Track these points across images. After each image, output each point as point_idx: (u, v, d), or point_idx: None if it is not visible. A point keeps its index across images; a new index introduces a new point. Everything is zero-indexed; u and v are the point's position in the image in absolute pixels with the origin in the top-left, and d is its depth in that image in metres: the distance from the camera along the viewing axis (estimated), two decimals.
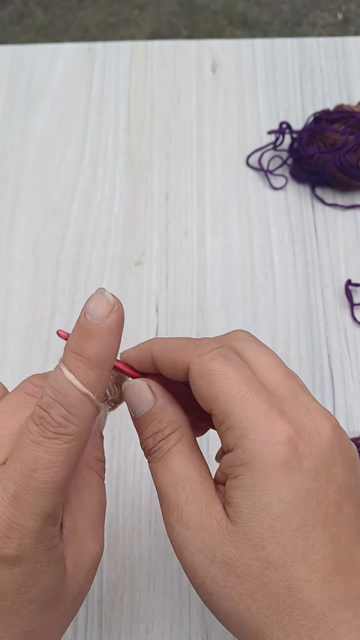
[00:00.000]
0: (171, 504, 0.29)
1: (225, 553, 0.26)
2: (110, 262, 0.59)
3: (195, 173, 0.64)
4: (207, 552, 0.27)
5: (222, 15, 1.62)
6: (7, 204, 0.63)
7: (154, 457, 0.30)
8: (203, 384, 0.28)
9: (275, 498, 0.26)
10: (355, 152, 0.59)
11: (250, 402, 0.27)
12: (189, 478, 0.28)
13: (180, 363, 0.30)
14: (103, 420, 0.32)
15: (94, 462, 0.31)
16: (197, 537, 0.27)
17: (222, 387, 0.28)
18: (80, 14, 1.64)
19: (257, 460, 0.26)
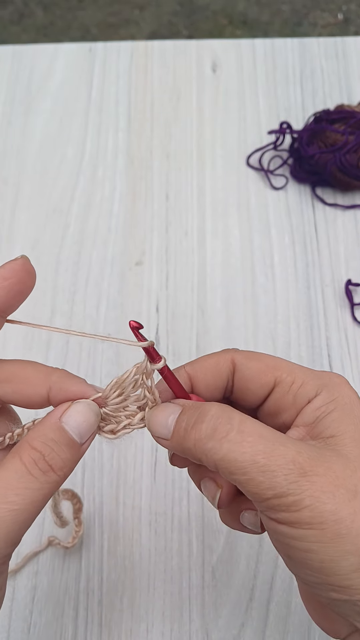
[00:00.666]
0: (284, 464, 0.26)
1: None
2: (110, 262, 0.59)
3: (196, 173, 0.64)
4: (348, 484, 0.26)
5: (222, 15, 1.62)
6: (7, 204, 0.63)
7: (220, 436, 0.27)
8: (256, 362, 0.31)
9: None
10: (355, 152, 0.59)
11: (300, 366, 0.31)
12: (280, 435, 0.27)
13: (223, 361, 0.31)
14: (76, 419, 0.28)
15: (25, 446, 0.27)
16: (330, 477, 0.26)
17: (274, 358, 0.32)
18: (80, 13, 1.64)
19: (342, 394, 0.30)
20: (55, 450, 0.27)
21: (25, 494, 0.26)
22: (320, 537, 0.25)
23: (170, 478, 0.50)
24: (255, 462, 0.25)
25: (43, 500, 0.27)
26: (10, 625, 0.45)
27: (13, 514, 0.25)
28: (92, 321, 0.56)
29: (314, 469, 0.26)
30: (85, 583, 0.46)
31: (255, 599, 0.45)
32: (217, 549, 0.47)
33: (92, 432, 0.29)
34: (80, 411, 0.28)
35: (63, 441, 0.27)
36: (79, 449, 0.28)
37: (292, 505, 0.25)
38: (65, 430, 0.28)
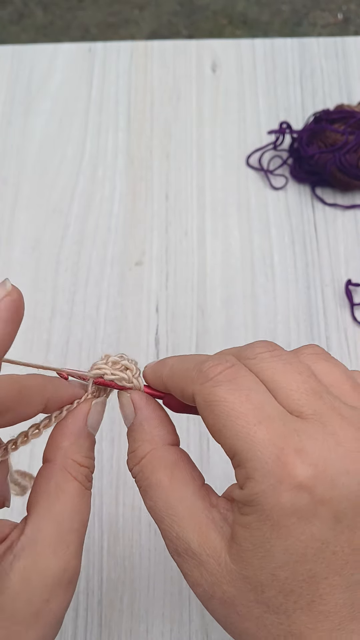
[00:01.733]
0: (165, 536, 0.27)
1: (224, 592, 0.25)
2: (110, 262, 0.59)
3: (195, 173, 0.64)
4: (205, 587, 0.25)
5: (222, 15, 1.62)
6: (7, 204, 0.63)
7: (137, 483, 0.28)
8: (207, 416, 0.25)
9: (280, 548, 0.23)
10: (355, 152, 0.59)
11: (258, 438, 0.23)
12: (175, 514, 0.26)
13: (187, 392, 0.27)
14: (96, 419, 0.29)
15: (74, 465, 0.27)
16: (194, 573, 0.26)
17: (226, 420, 0.24)
18: (80, 13, 1.64)
19: (263, 506, 0.23)
20: (92, 458, 0.28)
21: (88, 509, 0.27)
22: None
23: None
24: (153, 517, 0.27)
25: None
26: None
27: (85, 527, 0.27)
28: (92, 321, 0.56)
29: (185, 558, 0.26)
30: (85, 583, 0.46)
31: None
32: None
33: None
34: (99, 411, 0.29)
35: (93, 446, 0.28)
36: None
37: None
38: (92, 435, 0.28)
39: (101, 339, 0.56)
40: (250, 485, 0.23)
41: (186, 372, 0.27)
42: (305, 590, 0.23)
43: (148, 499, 0.27)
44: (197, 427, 0.51)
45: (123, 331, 0.56)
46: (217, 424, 0.24)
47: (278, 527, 0.23)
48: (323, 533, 0.23)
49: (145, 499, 0.27)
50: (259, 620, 0.24)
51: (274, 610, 0.24)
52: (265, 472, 0.23)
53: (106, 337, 0.56)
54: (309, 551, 0.23)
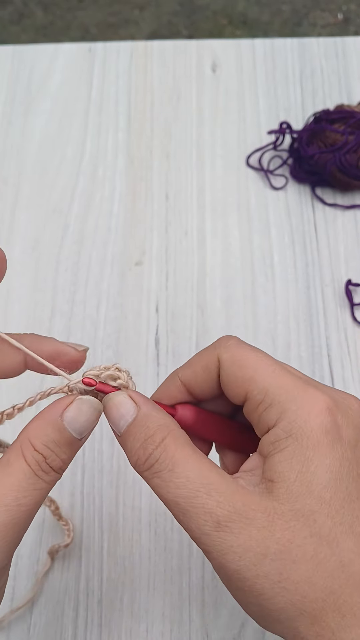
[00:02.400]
0: (200, 514, 0.26)
1: (279, 540, 0.25)
2: (110, 262, 0.59)
3: (195, 173, 0.64)
4: (257, 547, 0.25)
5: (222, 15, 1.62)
6: (7, 204, 0.63)
7: (155, 468, 0.27)
8: (236, 370, 0.29)
9: (323, 466, 0.26)
10: (355, 152, 0.59)
11: (286, 377, 0.28)
12: (210, 482, 0.26)
13: (212, 362, 0.30)
14: (76, 417, 0.28)
15: (28, 446, 0.27)
16: (243, 536, 0.25)
17: (257, 368, 0.29)
18: (80, 14, 1.64)
19: (302, 429, 0.26)
20: (56, 453, 0.27)
21: (33, 495, 0.26)
22: (228, 586, 0.27)
23: None
24: (176, 504, 0.27)
25: (45, 496, 0.27)
26: (10, 625, 0.45)
27: (25, 514, 0.26)
28: (92, 321, 0.56)
29: (229, 525, 0.25)
30: (85, 583, 0.46)
31: None
32: None
33: (92, 428, 0.29)
34: (83, 410, 0.28)
35: (64, 442, 0.27)
36: (78, 444, 0.28)
37: (206, 552, 0.26)
38: (66, 430, 0.27)
39: (101, 339, 0.56)
40: (287, 415, 0.27)
41: (204, 353, 0.31)
42: (347, 510, 0.26)
43: (176, 477, 0.27)
44: None
45: (123, 331, 0.56)
46: (247, 373, 0.29)
47: (318, 447, 0.26)
48: (348, 454, 0.27)
49: (171, 479, 0.27)
50: (314, 559, 0.25)
51: (326, 540, 0.25)
52: (299, 401, 0.27)
53: (106, 337, 0.56)
54: (343, 469, 0.26)
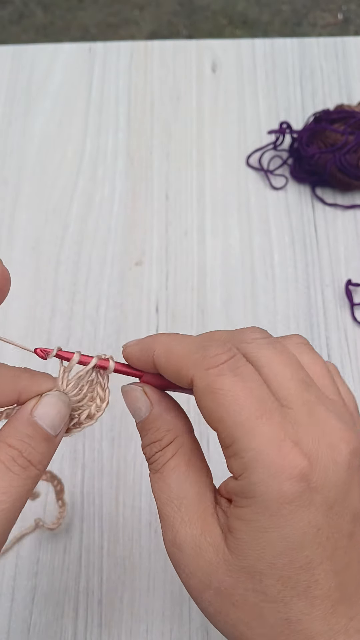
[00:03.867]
0: (166, 523, 0.27)
1: (221, 581, 0.25)
2: (110, 262, 0.59)
3: (195, 173, 0.64)
4: (201, 577, 0.26)
5: (222, 15, 1.62)
6: (7, 204, 0.63)
7: (152, 467, 0.29)
8: (208, 403, 0.26)
9: (278, 536, 0.24)
10: (355, 152, 0.59)
11: (261, 429, 0.24)
12: (185, 497, 0.27)
13: (185, 374, 0.27)
14: (46, 411, 0.28)
15: (1, 445, 0.27)
16: (192, 561, 0.26)
17: (230, 410, 0.25)
18: (80, 13, 1.64)
19: (263, 496, 0.24)
20: (32, 446, 0.27)
21: (10, 491, 0.26)
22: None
23: None
24: (157, 504, 0.28)
25: (26, 495, 0.27)
26: (10, 625, 0.45)
27: (3, 513, 0.26)
28: (92, 321, 0.56)
29: (183, 546, 0.27)
30: (85, 583, 0.46)
31: None
32: None
33: (65, 423, 0.29)
34: (51, 404, 0.28)
35: (38, 436, 0.28)
36: (53, 440, 0.28)
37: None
38: (38, 424, 0.28)
39: (101, 338, 0.56)
40: (250, 474, 0.24)
41: (186, 355, 0.27)
42: (302, 576, 0.24)
43: (162, 481, 0.28)
44: (196, 426, 0.51)
45: (123, 331, 0.56)
46: (218, 411, 0.25)
47: (277, 516, 0.24)
48: (318, 519, 0.24)
49: (157, 482, 0.28)
50: (255, 609, 0.25)
51: (272, 598, 0.24)
52: (266, 462, 0.24)
53: (106, 337, 0.56)
54: (306, 538, 0.24)
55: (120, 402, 0.31)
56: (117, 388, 0.31)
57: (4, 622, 0.45)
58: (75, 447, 0.51)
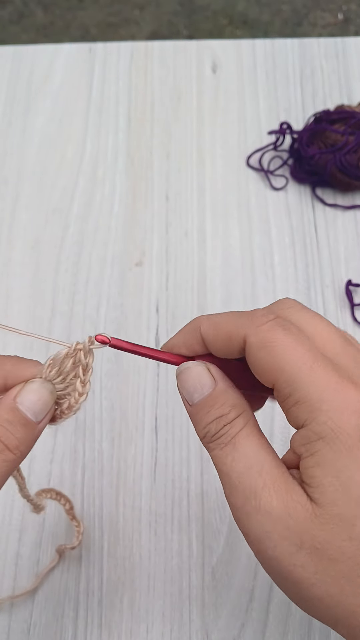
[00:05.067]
0: (246, 491, 0.26)
1: (315, 538, 0.25)
2: (110, 263, 0.59)
3: (196, 173, 0.64)
4: (293, 539, 0.25)
5: (223, 15, 1.62)
6: (7, 204, 0.63)
7: (219, 442, 0.28)
8: (264, 356, 0.27)
9: (358, 469, 0.24)
10: (355, 153, 0.59)
11: (319, 372, 0.26)
12: (264, 462, 0.27)
13: (236, 336, 0.28)
14: (30, 398, 0.29)
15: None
16: (280, 525, 0.25)
17: (286, 358, 0.26)
18: (80, 13, 1.64)
19: (335, 432, 0.25)
20: (10, 430, 0.28)
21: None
22: (266, 569, 0.27)
23: (170, 479, 0.50)
24: (229, 478, 0.27)
25: (3, 478, 0.28)
26: (10, 625, 0.45)
27: None
28: (92, 321, 0.56)
29: (270, 511, 0.26)
30: (85, 584, 0.46)
31: (255, 599, 0.45)
32: (217, 549, 0.47)
33: (48, 410, 0.30)
34: (34, 390, 0.29)
35: (17, 421, 0.28)
36: (34, 427, 0.29)
37: (244, 535, 0.27)
38: (19, 410, 0.28)
39: None
40: (317, 416, 0.25)
41: (234, 320, 0.28)
42: None
43: (235, 451, 0.27)
44: None
45: (123, 331, 0.56)
46: (275, 362, 0.26)
47: (352, 450, 0.24)
48: None
49: (229, 454, 0.27)
50: (353, 559, 0.24)
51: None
52: (330, 400, 0.25)
53: None
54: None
55: (120, 402, 0.31)
56: (113, 387, 0.31)
57: (4, 622, 0.45)
58: (76, 447, 0.51)
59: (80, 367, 0.30)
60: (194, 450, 0.51)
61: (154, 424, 0.52)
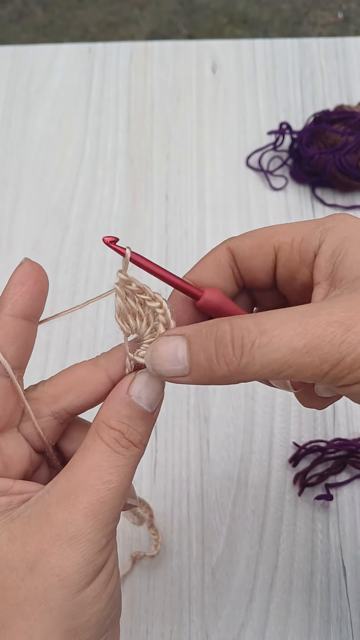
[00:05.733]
0: (325, 325, 0.24)
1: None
2: (110, 263, 0.59)
3: (195, 173, 0.64)
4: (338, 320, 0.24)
5: (222, 14, 1.62)
6: (7, 204, 0.63)
7: (243, 352, 0.25)
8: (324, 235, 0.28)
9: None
10: (355, 153, 0.59)
11: None
12: (305, 309, 0.25)
13: (278, 241, 0.29)
14: (141, 389, 0.29)
15: (103, 427, 0.28)
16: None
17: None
18: (80, 13, 1.64)
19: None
20: (132, 426, 0.28)
21: (117, 471, 0.27)
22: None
23: (170, 479, 0.50)
24: (294, 350, 0.24)
25: (132, 472, 0.28)
26: None
27: (112, 491, 0.26)
28: (92, 322, 0.56)
29: (354, 318, 0.24)
30: None
31: (255, 600, 0.45)
32: (216, 550, 0.47)
33: (161, 399, 0.29)
34: (145, 382, 0.29)
35: (137, 415, 0.28)
36: (151, 417, 0.29)
37: (354, 365, 0.24)
38: (136, 404, 0.28)
39: (101, 339, 0.56)
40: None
41: (273, 228, 0.30)
42: None
43: (270, 332, 0.24)
44: (197, 427, 0.51)
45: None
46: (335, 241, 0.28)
47: None
48: None
49: (266, 338, 0.24)
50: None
51: None
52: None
53: (106, 337, 0.56)
54: None
55: None
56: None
57: None
58: None
59: (136, 296, 0.30)
60: (194, 450, 0.51)
61: None
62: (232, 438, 0.51)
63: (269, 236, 0.30)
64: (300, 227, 0.30)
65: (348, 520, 0.48)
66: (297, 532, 0.48)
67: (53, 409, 0.29)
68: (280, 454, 0.50)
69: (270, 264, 0.30)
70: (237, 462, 0.50)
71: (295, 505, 0.48)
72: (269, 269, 0.30)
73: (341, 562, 0.46)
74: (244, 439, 0.51)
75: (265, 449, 0.50)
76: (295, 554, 0.47)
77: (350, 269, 0.26)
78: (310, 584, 0.46)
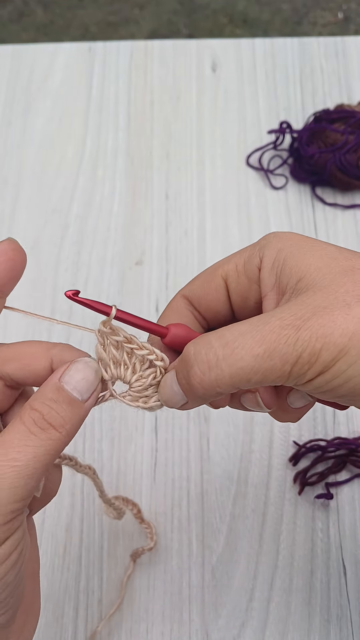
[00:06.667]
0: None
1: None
2: (110, 262, 0.59)
3: (196, 172, 0.64)
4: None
5: (223, 14, 1.62)
6: (6, 203, 0.63)
7: (214, 363, 0.28)
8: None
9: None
10: (355, 152, 0.59)
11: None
12: (261, 319, 0.27)
13: (254, 263, 0.32)
14: (75, 377, 0.30)
15: (25, 408, 0.29)
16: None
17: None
18: (80, 12, 1.64)
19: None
20: (55, 409, 0.28)
21: (25, 450, 0.27)
22: (352, 360, 0.26)
23: (170, 478, 0.50)
24: (257, 356, 0.26)
25: (45, 455, 0.28)
26: None
27: (16, 469, 0.27)
28: (92, 321, 0.56)
29: (302, 318, 0.26)
30: (85, 583, 0.46)
31: (255, 599, 0.45)
32: (216, 549, 0.47)
33: (94, 389, 0.30)
34: (78, 369, 0.30)
35: (62, 399, 0.29)
36: (81, 406, 0.29)
37: (311, 359, 0.26)
38: (64, 389, 0.29)
39: None
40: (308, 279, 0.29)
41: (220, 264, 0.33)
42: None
43: (232, 341, 0.27)
44: (197, 426, 0.51)
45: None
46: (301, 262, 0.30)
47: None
48: None
49: (228, 347, 0.27)
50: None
51: None
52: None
53: None
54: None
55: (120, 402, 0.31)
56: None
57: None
58: (76, 447, 0.51)
59: (123, 345, 0.31)
60: (194, 450, 0.51)
61: (153, 423, 0.52)
62: (232, 437, 0.51)
63: (214, 270, 0.32)
64: (240, 253, 0.33)
65: (348, 519, 0.48)
66: (297, 531, 0.48)
67: (1, 370, 0.31)
68: (281, 452, 0.50)
69: (224, 293, 0.33)
70: (237, 461, 0.50)
71: (296, 504, 0.48)
72: (224, 299, 0.33)
73: (341, 561, 0.46)
74: (244, 438, 0.51)
75: (266, 448, 0.50)
76: (295, 553, 0.47)
77: (291, 275, 0.29)
78: (310, 583, 0.46)
